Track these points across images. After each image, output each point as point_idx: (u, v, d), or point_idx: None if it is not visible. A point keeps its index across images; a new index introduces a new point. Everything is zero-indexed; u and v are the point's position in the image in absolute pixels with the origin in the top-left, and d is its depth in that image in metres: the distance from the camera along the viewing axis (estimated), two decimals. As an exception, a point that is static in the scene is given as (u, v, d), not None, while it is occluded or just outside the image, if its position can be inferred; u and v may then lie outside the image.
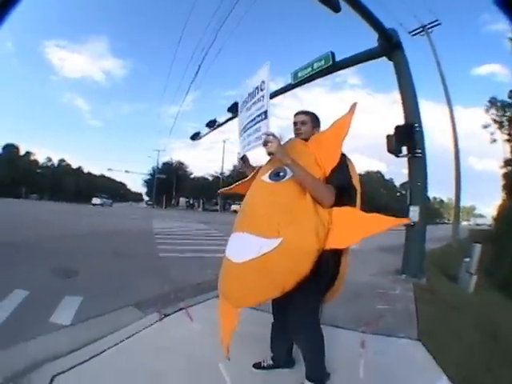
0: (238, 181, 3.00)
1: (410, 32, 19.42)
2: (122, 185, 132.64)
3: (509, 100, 25.99)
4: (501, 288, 7.37)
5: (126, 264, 7.64)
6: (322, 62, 9.80)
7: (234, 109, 13.83)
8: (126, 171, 75.73)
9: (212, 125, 17.14)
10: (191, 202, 77.09)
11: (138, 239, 12.77)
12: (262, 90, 2.41)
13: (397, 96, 8.65)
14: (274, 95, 10.98)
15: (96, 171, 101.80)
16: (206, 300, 4.74)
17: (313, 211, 2.06)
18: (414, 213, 8.07)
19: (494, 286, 7.59)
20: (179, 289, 5.48)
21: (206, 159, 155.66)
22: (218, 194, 64.19)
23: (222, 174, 68.21)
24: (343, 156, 2.31)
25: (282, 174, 2.29)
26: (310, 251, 1.96)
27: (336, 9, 7.30)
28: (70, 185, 78.28)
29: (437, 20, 19.83)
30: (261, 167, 2.69)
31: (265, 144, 2.23)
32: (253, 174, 2.77)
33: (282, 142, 2.43)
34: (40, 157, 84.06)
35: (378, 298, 5.73)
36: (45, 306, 4.25)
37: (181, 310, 4.20)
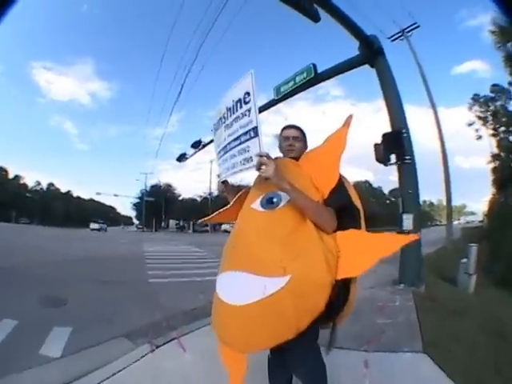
0: (226, 203, 2.68)
1: (389, 37, 19.76)
2: (112, 208, 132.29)
3: (491, 94, 26.47)
4: (500, 285, 7.40)
5: (115, 292, 7.49)
6: (304, 75, 9.85)
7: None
8: (115, 195, 75.34)
9: (197, 145, 17.24)
10: (181, 223, 76.51)
11: (128, 264, 12.64)
12: (246, 102, 2.02)
13: (381, 103, 8.60)
14: (259, 111, 11.11)
15: (85, 195, 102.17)
16: (199, 328, 4.61)
17: (318, 239, 1.83)
18: (408, 221, 7.95)
19: (493, 284, 7.63)
20: (170, 316, 5.36)
21: (193, 180, 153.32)
22: (202, 223, 64.25)
23: (210, 194, 67.15)
24: (340, 175, 2.07)
25: (275, 200, 2.00)
26: (324, 285, 1.76)
27: (315, 19, 7.34)
28: (59, 209, 78.24)
29: (415, 23, 20.21)
30: (244, 191, 2.48)
31: (258, 168, 1.91)
32: (235, 199, 2.53)
33: None
34: (29, 180, 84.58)
35: (378, 312, 5.56)
36: (34, 336, 4.21)
37: (173, 339, 4.10)
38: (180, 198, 78.65)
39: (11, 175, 77.78)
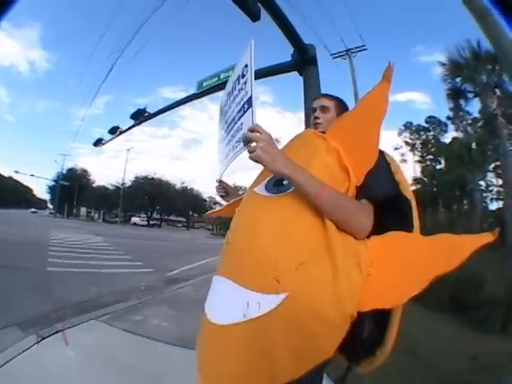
0: (140, 194, 1.87)
1: (332, 54, 20.26)
2: (29, 189, 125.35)
3: (425, 125, 28.61)
4: (413, 300, 7.74)
5: (13, 278, 7.18)
6: (230, 73, 9.61)
7: (137, 116, 13.71)
8: (32, 175, 70.95)
9: (114, 131, 16.88)
10: (92, 212, 74.26)
11: (30, 250, 11.91)
12: (243, 76, 1.62)
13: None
14: (177, 105, 10.92)
15: (5, 172, 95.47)
16: (86, 321, 4.54)
17: (338, 244, 1.21)
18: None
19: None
20: (60, 307, 5.25)
21: (111, 168, 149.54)
22: (118, 206, 62.70)
23: (123, 184, 65.19)
24: (381, 151, 1.45)
25: (286, 181, 1.38)
26: (337, 319, 1.12)
27: (255, 17, 7.11)
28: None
29: (363, 45, 20.55)
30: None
31: (245, 144, 1.41)
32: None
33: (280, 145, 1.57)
34: None
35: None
36: None
37: (58, 332, 3.95)
38: (94, 185, 75.28)
39: None
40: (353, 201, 1.33)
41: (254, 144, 1.31)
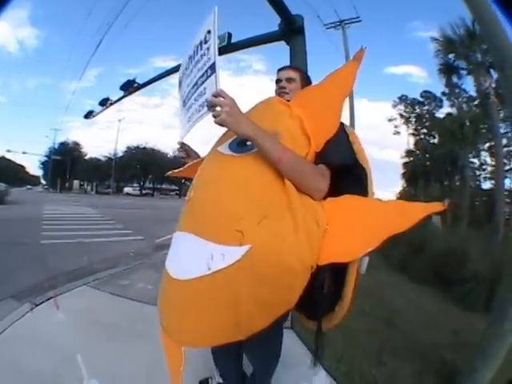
0: (132, 164, 1.69)
1: (325, 24, 19.82)
2: (22, 167, 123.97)
3: (420, 99, 28.42)
4: (396, 269, 7.65)
5: (7, 253, 7.32)
6: (217, 42, 9.60)
7: (126, 87, 13.61)
8: (24, 152, 70.30)
9: (104, 103, 16.67)
10: (85, 185, 73.97)
11: (23, 226, 12.07)
12: (206, 42, 1.60)
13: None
14: (166, 74, 10.91)
15: None
16: (76, 287, 4.79)
17: (298, 202, 1.30)
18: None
19: (390, 268, 7.82)
20: (53, 277, 5.43)
21: (102, 139, 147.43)
22: (111, 177, 62.87)
23: (115, 155, 65.69)
24: (341, 123, 1.55)
25: (250, 142, 1.43)
26: (298, 268, 1.20)
27: None
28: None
29: (358, 17, 20.06)
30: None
31: (211, 109, 1.41)
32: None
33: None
34: None
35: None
36: None
37: (50, 298, 4.18)
38: (86, 158, 74.05)
39: None
40: (311, 165, 1.42)
41: (218, 109, 1.35)
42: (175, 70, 11.34)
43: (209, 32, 1.59)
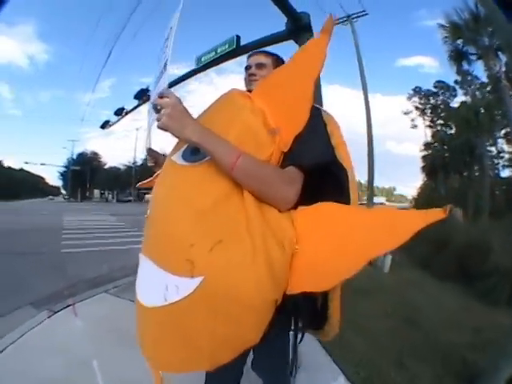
0: (150, 170, 1.79)
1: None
2: (41, 178, 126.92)
3: (434, 89, 28.15)
4: (420, 267, 7.46)
5: (28, 263, 7.53)
6: (226, 46, 9.56)
7: (140, 96, 13.67)
8: (42, 164, 73.56)
9: (120, 112, 16.79)
10: (105, 193, 75.49)
11: (44, 235, 12.26)
12: (167, 39, 1.44)
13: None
14: (179, 81, 10.94)
15: (16, 165, 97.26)
16: (95, 295, 4.84)
17: (257, 219, 1.05)
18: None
19: (413, 265, 7.62)
20: (73, 285, 5.50)
21: (121, 148, 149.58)
22: (131, 186, 62.49)
23: (134, 163, 66.33)
24: (316, 109, 1.28)
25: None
26: (259, 304, 1.00)
27: None
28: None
29: (363, 10, 19.70)
30: None
31: (156, 112, 1.19)
32: None
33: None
34: None
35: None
36: None
37: (68, 306, 4.22)
38: (106, 167, 76.28)
39: None
40: (273, 169, 1.16)
41: (163, 111, 1.13)
42: (188, 76, 11.48)
43: (171, 28, 1.43)
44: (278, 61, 1.58)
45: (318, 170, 1.19)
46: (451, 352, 3.21)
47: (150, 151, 1.73)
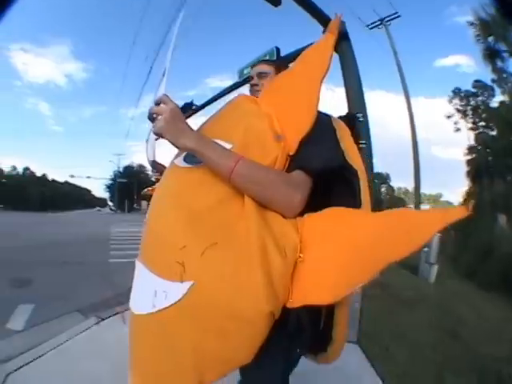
0: None
1: (368, 25, 19.68)
2: (87, 191, 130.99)
3: (473, 90, 27.42)
4: (466, 276, 7.30)
5: (77, 272, 7.86)
6: (267, 58, 9.50)
7: (184, 110, 13.87)
8: (88, 177, 76.13)
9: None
10: (153, 205, 75.83)
11: (92, 246, 12.72)
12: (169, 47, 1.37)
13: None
14: (222, 94, 11.17)
15: (60, 178, 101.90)
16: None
17: (257, 224, 0.97)
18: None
19: (459, 275, 7.48)
20: (120, 293, 5.46)
21: (168, 160, 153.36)
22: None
23: (182, 175, 66.26)
24: (325, 115, 1.28)
25: None
26: (253, 317, 0.89)
27: (275, 2, 7.08)
28: (34, 193, 76.50)
29: (396, 12, 19.84)
30: None
31: (151, 119, 1.15)
32: None
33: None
34: (4, 166, 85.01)
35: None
36: (1, 313, 4.54)
37: (117, 313, 4.31)
38: (153, 179, 76.01)
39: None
40: (276, 173, 1.09)
41: (159, 117, 1.09)
42: (228, 90, 11.64)
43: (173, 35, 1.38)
44: (280, 68, 1.52)
45: (329, 176, 1.14)
46: (488, 366, 3.17)
47: (155, 164, 1.65)
